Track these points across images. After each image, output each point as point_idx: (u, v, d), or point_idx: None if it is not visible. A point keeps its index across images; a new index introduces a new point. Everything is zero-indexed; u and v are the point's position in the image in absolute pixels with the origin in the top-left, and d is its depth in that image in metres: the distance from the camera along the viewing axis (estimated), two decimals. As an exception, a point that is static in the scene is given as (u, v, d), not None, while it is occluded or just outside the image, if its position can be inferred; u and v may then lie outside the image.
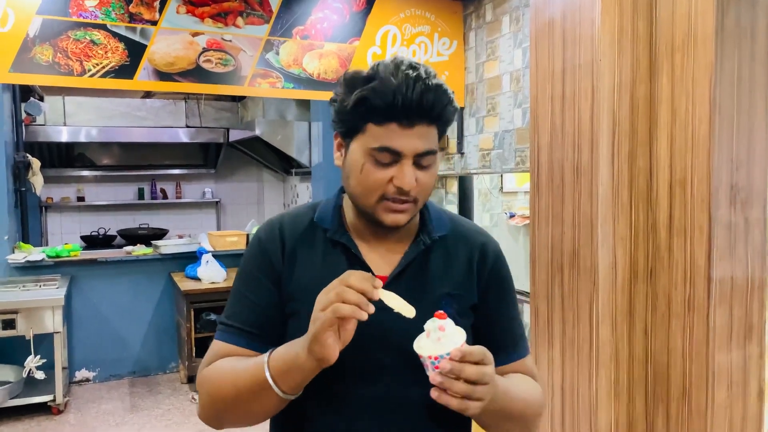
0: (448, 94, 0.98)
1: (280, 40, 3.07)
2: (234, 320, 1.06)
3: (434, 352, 0.87)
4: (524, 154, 3.06)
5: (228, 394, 0.99)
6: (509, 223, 3.11)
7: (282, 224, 1.10)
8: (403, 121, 0.95)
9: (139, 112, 6.53)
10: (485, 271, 1.11)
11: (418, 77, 0.95)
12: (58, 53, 2.70)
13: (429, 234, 1.08)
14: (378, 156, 0.97)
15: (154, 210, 7.09)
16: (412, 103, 0.94)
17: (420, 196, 1.01)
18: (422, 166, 0.99)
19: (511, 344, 1.14)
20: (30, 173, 4.89)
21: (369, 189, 1.00)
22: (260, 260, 1.07)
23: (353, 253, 1.06)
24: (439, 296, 1.06)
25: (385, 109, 0.95)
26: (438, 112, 0.97)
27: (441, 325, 0.89)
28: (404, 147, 0.96)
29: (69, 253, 4.60)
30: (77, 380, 4.69)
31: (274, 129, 5.72)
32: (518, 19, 3.10)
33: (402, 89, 0.93)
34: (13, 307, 3.79)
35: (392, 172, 0.98)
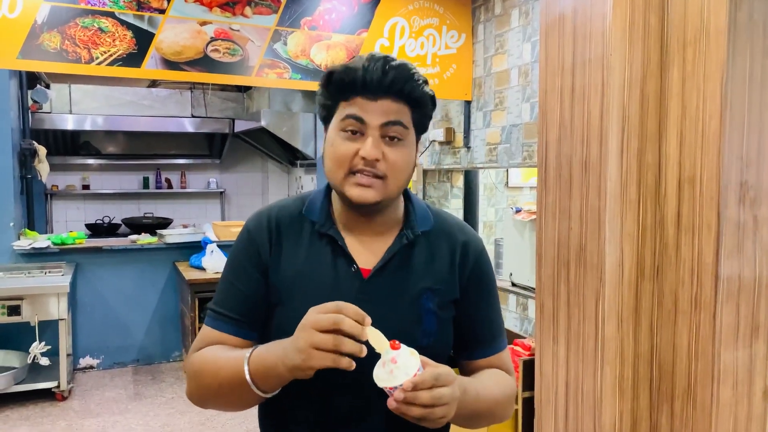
0: (410, 71, 1.02)
1: (288, 31, 3.06)
2: (222, 307, 1.09)
3: (388, 383, 0.90)
4: (531, 149, 3.04)
5: (210, 384, 1.03)
6: (515, 218, 3.10)
7: (270, 215, 1.13)
8: (367, 95, 1.01)
9: (145, 101, 6.53)
10: (467, 269, 1.14)
11: (382, 57, 1.02)
12: (66, 40, 2.69)
13: (412, 229, 1.11)
14: (345, 124, 1.02)
15: (158, 199, 7.10)
16: (373, 77, 1.00)
17: (390, 173, 1.03)
18: (391, 142, 1.02)
19: (489, 340, 1.18)
20: (36, 160, 4.89)
21: (337, 162, 1.03)
22: (248, 250, 1.11)
23: (339, 245, 1.08)
24: (421, 290, 1.08)
25: (349, 84, 1.01)
26: (400, 87, 1.01)
27: (393, 357, 0.91)
28: (368, 116, 1.01)
29: (74, 240, 4.61)
30: (81, 367, 4.71)
31: (279, 120, 5.71)
32: (527, 13, 3.08)
33: (366, 66, 1.01)
34: (19, 294, 3.81)
35: (359, 145, 1.02)
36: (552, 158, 2.32)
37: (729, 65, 1.86)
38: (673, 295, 2.06)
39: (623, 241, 2.11)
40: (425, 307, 1.08)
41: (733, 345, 1.96)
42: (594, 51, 2.10)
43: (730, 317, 1.93)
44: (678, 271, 2.05)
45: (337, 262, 1.08)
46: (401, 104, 1.02)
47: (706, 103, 1.93)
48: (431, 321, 1.08)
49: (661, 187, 2.10)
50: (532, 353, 2.73)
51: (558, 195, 2.30)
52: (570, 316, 2.26)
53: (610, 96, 2.05)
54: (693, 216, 1.99)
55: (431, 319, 1.08)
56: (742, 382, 1.98)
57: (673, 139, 2.05)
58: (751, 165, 1.93)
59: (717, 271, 1.91)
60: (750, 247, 1.95)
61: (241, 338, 1.08)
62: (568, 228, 2.25)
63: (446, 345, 1.13)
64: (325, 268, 1.07)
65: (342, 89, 1.03)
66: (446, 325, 1.12)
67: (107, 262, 4.73)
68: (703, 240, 1.96)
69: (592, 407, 2.16)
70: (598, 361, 2.13)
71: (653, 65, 2.09)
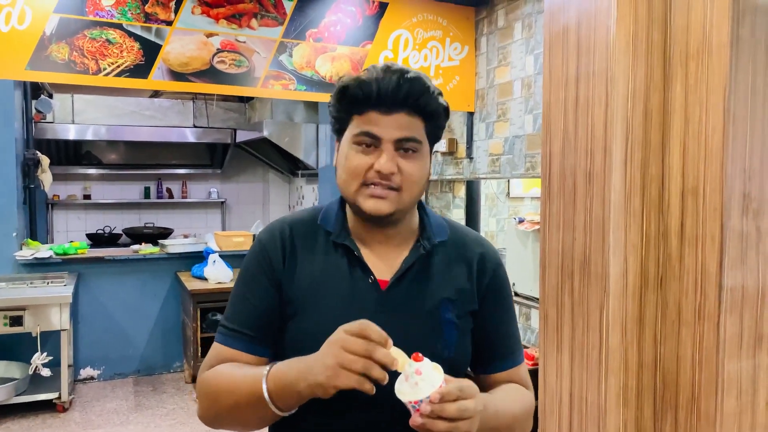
0: (425, 84, 1.01)
1: (294, 43, 3.09)
2: (234, 323, 1.07)
3: (413, 397, 0.88)
4: (534, 160, 3.07)
5: (226, 402, 1.00)
6: (518, 228, 3.12)
7: (283, 227, 1.11)
8: (381, 108, 1.00)
9: (147, 111, 6.55)
10: (484, 281, 1.13)
11: (398, 70, 1.00)
12: (74, 52, 2.72)
13: (429, 239, 1.10)
14: (359, 140, 1.01)
15: (159, 209, 7.10)
16: (388, 90, 0.99)
17: (404, 185, 1.02)
18: (405, 154, 1.02)
19: (506, 353, 1.16)
20: (39, 170, 4.91)
21: (351, 174, 1.02)
22: (261, 263, 1.08)
23: (355, 256, 1.07)
24: (439, 301, 1.07)
25: (363, 98, 1.00)
26: (414, 100, 1.00)
27: (417, 369, 0.89)
28: (382, 132, 1.00)
29: (76, 250, 4.62)
30: (82, 378, 4.70)
31: (281, 130, 5.74)
32: (530, 26, 3.12)
33: (380, 79, 0.99)
34: (21, 304, 3.80)
35: (374, 159, 1.01)
36: (556, 169, 2.34)
37: (731, 79, 1.89)
38: (677, 305, 2.07)
39: (627, 251, 2.12)
40: (445, 318, 1.07)
41: (737, 355, 1.97)
42: (598, 64, 2.12)
43: (733, 327, 1.95)
44: (682, 282, 2.06)
45: (353, 273, 1.06)
46: (415, 117, 1.01)
47: (709, 115, 1.96)
48: (452, 332, 1.07)
49: (664, 198, 2.12)
50: (535, 363, 2.73)
51: (562, 206, 2.32)
52: (574, 326, 2.27)
53: (614, 108, 2.08)
54: (696, 227, 2.01)
55: (451, 330, 1.07)
56: (746, 392, 1.99)
57: (677, 151, 2.07)
58: (754, 177, 1.95)
59: (720, 281, 1.93)
60: (753, 257, 1.97)
61: (255, 355, 1.05)
62: (572, 239, 2.26)
63: (466, 358, 1.12)
64: (342, 279, 1.06)
65: (356, 103, 1.02)
66: (466, 337, 1.11)
67: (109, 272, 4.73)
68: (706, 251, 1.97)
69: (596, 417, 2.17)
70: (602, 370, 2.14)
71: (656, 78, 2.11)
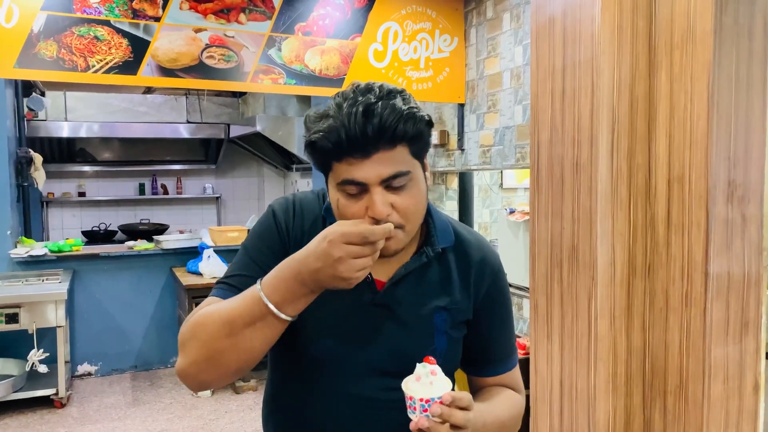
0: (397, 110, 0.92)
1: (282, 37, 3.09)
2: (233, 280, 1.05)
3: (426, 394, 0.89)
4: (524, 151, 3.08)
5: (218, 332, 0.94)
6: (509, 219, 3.13)
7: (295, 205, 1.09)
8: (356, 154, 0.92)
9: (140, 108, 6.54)
10: (482, 289, 1.12)
11: (362, 104, 0.91)
12: (62, 49, 2.72)
13: (433, 246, 1.07)
14: (345, 189, 0.95)
15: (154, 205, 7.10)
16: (357, 136, 0.90)
17: (405, 221, 0.97)
18: (395, 190, 0.95)
19: (500, 359, 1.16)
20: (32, 168, 4.90)
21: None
22: (270, 227, 1.07)
23: None
24: (434, 309, 1.07)
25: (334, 148, 0.92)
26: (391, 133, 0.91)
27: (433, 370, 0.91)
28: (366, 176, 0.93)
29: (71, 247, 4.63)
30: (79, 374, 4.72)
31: (275, 125, 5.74)
32: (518, 17, 3.12)
33: (345, 124, 0.91)
34: (16, 302, 3.81)
35: (366, 203, 0.94)
36: (544, 159, 2.35)
37: (715, 67, 1.90)
38: (664, 292, 2.09)
39: (615, 240, 2.14)
40: (437, 327, 1.06)
41: (724, 341, 1.99)
42: (583, 54, 2.13)
43: (720, 313, 1.97)
44: (669, 269, 2.08)
45: None
46: (396, 147, 0.94)
47: (693, 104, 1.97)
48: (442, 341, 1.07)
49: (651, 186, 2.13)
50: (526, 352, 2.76)
51: (550, 196, 2.33)
52: (563, 315, 2.29)
53: (600, 98, 2.09)
54: (682, 215, 2.02)
55: (442, 339, 1.07)
56: (733, 377, 2.01)
57: (662, 140, 2.08)
58: (738, 164, 1.96)
59: (707, 268, 1.94)
60: (738, 244, 1.99)
61: None
62: (561, 228, 2.28)
63: (454, 365, 1.12)
64: None
65: (329, 153, 0.94)
66: (455, 346, 1.10)
67: (104, 268, 4.74)
68: (692, 238, 1.99)
69: (586, 404, 2.19)
70: (591, 358, 2.16)
71: (642, 67, 2.12)
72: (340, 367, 1.04)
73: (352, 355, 1.04)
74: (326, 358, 1.04)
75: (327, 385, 1.05)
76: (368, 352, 1.04)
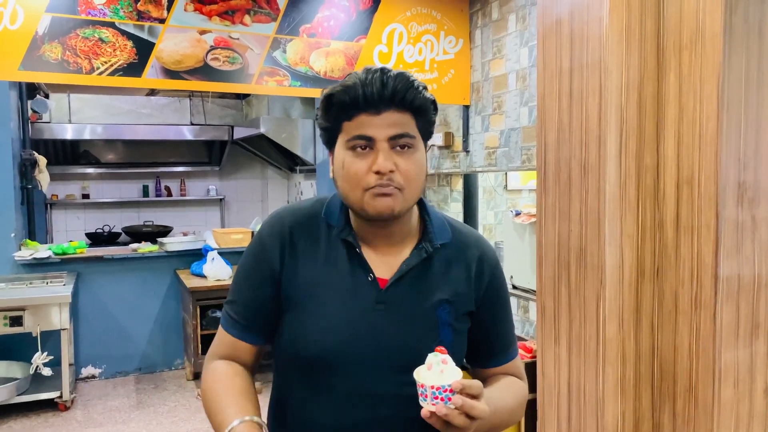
0: (409, 80, 1.02)
1: (287, 39, 3.08)
2: (232, 309, 1.12)
3: (437, 382, 0.91)
4: (530, 152, 3.06)
5: (208, 413, 1.09)
6: (515, 221, 3.12)
7: (284, 221, 1.12)
8: (370, 110, 1.00)
9: (144, 110, 6.54)
10: (483, 283, 1.14)
11: (379, 69, 1.01)
12: (66, 51, 2.71)
13: (431, 242, 1.10)
14: (353, 144, 1.01)
15: (158, 207, 7.09)
16: (373, 91, 0.99)
17: (405, 183, 1.02)
18: (401, 152, 1.02)
19: (503, 349, 1.20)
20: (36, 170, 4.90)
21: (353, 181, 1.02)
22: (259, 257, 1.11)
23: (357, 253, 1.08)
24: (437, 302, 1.09)
25: (350, 102, 1.00)
26: (401, 96, 1.00)
27: (444, 359, 0.93)
28: (375, 132, 1.00)
29: (75, 250, 4.62)
30: (83, 377, 4.71)
31: (279, 126, 5.73)
32: (524, 18, 3.11)
33: (364, 81, 1.00)
34: (21, 304, 3.80)
35: (371, 161, 1.01)
36: (551, 161, 2.34)
37: (725, 67, 1.88)
38: (674, 295, 2.08)
39: (623, 242, 2.12)
40: (441, 319, 1.09)
41: (734, 344, 1.97)
42: (591, 55, 2.12)
43: (730, 316, 1.95)
44: (678, 272, 2.06)
45: (353, 269, 1.07)
46: (405, 114, 1.02)
47: (703, 105, 1.95)
48: (447, 333, 1.09)
49: (659, 188, 2.11)
50: (533, 355, 2.74)
51: (557, 197, 2.32)
52: (571, 318, 2.27)
53: (608, 99, 2.08)
54: (692, 216, 2.00)
55: (447, 331, 1.09)
56: (743, 381, 1.99)
57: (671, 141, 2.07)
58: (748, 165, 1.95)
59: (716, 270, 1.93)
60: (749, 246, 1.97)
61: (248, 343, 1.11)
62: (568, 230, 2.26)
63: (460, 354, 1.13)
64: (341, 275, 1.07)
65: (344, 109, 1.02)
66: (461, 337, 1.13)
67: (108, 271, 4.73)
68: (702, 240, 1.97)
69: (594, 408, 2.17)
70: (599, 361, 2.14)
71: (650, 68, 2.11)
72: (349, 368, 1.05)
73: (361, 354, 1.05)
74: (334, 360, 1.05)
75: (338, 387, 1.06)
76: (376, 350, 1.05)
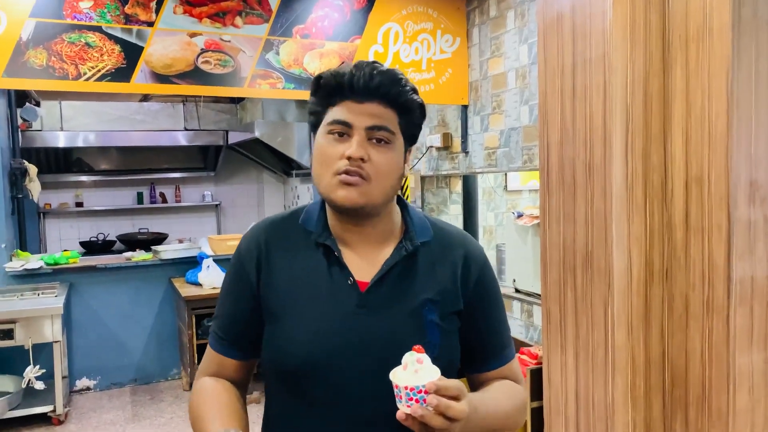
0: (397, 77, 1.02)
1: (280, 40, 3.01)
2: (217, 327, 1.13)
3: (410, 383, 0.88)
4: (531, 153, 2.99)
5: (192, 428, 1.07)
6: (517, 223, 3.04)
7: (259, 234, 1.12)
8: (354, 98, 1.01)
9: (137, 116, 6.46)
10: (471, 280, 1.11)
11: (370, 63, 1.03)
12: (52, 57, 2.63)
13: (412, 240, 1.08)
14: (332, 128, 1.02)
15: (153, 214, 7.02)
16: (360, 80, 1.00)
17: (374, 176, 1.01)
18: (377, 145, 1.02)
19: (497, 352, 1.16)
20: (27, 180, 4.82)
21: (325, 164, 1.02)
22: (238, 273, 1.11)
23: (335, 256, 1.06)
24: (422, 301, 1.06)
25: (337, 87, 1.02)
26: (386, 91, 1.01)
27: (419, 358, 0.90)
28: (354, 119, 1.01)
29: (68, 260, 4.54)
30: (78, 389, 4.62)
31: (274, 130, 5.66)
32: (523, 14, 3.03)
33: (353, 70, 1.02)
34: (11, 317, 3.72)
35: (346, 147, 1.01)
36: (554, 161, 2.27)
37: (734, 62, 1.81)
38: (684, 299, 2.01)
39: (631, 244, 2.05)
40: (427, 319, 1.05)
41: (748, 349, 1.90)
42: (595, 50, 2.05)
43: (744, 320, 1.88)
44: (688, 274, 1.99)
45: (332, 274, 1.06)
46: (388, 109, 1.02)
47: (711, 101, 1.88)
48: (434, 333, 1.06)
49: (667, 188, 2.04)
50: (539, 362, 2.66)
51: (561, 199, 2.24)
52: (578, 324, 2.20)
53: (613, 96, 2.00)
54: (702, 217, 1.94)
55: (434, 331, 1.06)
56: (759, 387, 1.92)
57: (679, 139, 2.00)
58: (760, 163, 1.88)
59: (729, 273, 1.86)
60: (762, 247, 1.90)
61: (233, 359, 1.11)
62: (573, 232, 2.19)
63: (452, 358, 1.10)
64: (321, 280, 1.06)
65: (330, 93, 1.03)
66: (451, 338, 1.09)
67: (102, 280, 4.65)
68: (713, 241, 1.90)
69: (603, 417, 2.10)
70: (608, 369, 2.07)
71: (656, 64, 2.04)
72: (333, 378, 1.02)
73: (344, 362, 1.02)
74: (316, 370, 1.02)
75: (322, 398, 1.03)
76: (360, 357, 1.02)
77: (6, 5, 2.54)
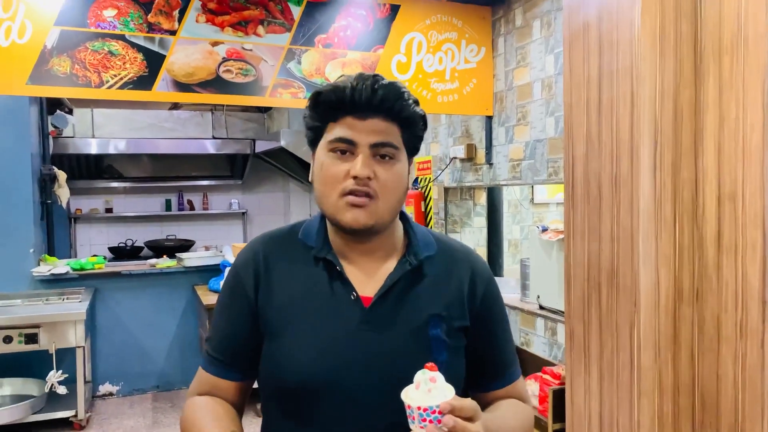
0: (399, 90, 0.99)
1: (302, 49, 2.99)
2: (211, 347, 1.09)
3: (424, 403, 0.84)
4: (557, 165, 2.91)
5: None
6: (541, 238, 2.96)
7: (256, 249, 1.09)
8: (356, 114, 0.98)
9: (167, 124, 6.53)
10: (477, 296, 1.09)
11: (371, 76, 0.99)
12: (75, 65, 2.65)
13: (415, 254, 1.06)
14: (334, 146, 0.99)
15: (181, 221, 7.09)
16: (362, 95, 0.97)
17: (381, 193, 0.98)
18: (382, 161, 0.99)
19: (504, 370, 1.13)
20: (56, 185, 4.89)
21: (328, 184, 0.99)
22: (234, 289, 1.08)
23: (337, 271, 1.03)
24: (427, 317, 1.03)
25: (337, 103, 0.98)
26: (389, 105, 0.98)
27: (432, 377, 0.87)
28: (358, 137, 0.98)
29: (93, 265, 4.58)
30: (101, 394, 4.65)
31: (299, 140, 5.65)
32: (549, 24, 2.96)
33: (354, 84, 0.98)
34: (36, 321, 3.76)
35: (350, 166, 0.98)
36: (579, 175, 2.19)
37: (771, 72, 1.72)
38: (715, 320, 1.91)
39: (659, 262, 1.96)
40: (433, 335, 1.03)
41: (784, 375, 1.80)
42: (621, 61, 1.97)
43: (780, 345, 1.77)
44: (720, 295, 1.90)
45: (334, 289, 1.03)
46: (391, 123, 0.99)
47: (746, 113, 1.80)
48: (440, 349, 1.03)
49: (698, 204, 1.96)
50: (562, 382, 2.57)
51: (587, 213, 2.17)
52: (602, 344, 2.11)
53: (641, 108, 1.93)
54: (735, 235, 1.85)
55: (440, 347, 1.03)
56: (795, 416, 1.81)
57: (711, 153, 1.91)
58: (798, 179, 1.78)
59: (764, 294, 1.77)
60: (800, 268, 1.80)
61: (228, 380, 1.07)
62: (599, 249, 2.11)
63: (459, 375, 1.06)
64: (322, 296, 1.02)
65: (330, 109, 1.00)
66: (457, 355, 1.06)
67: (126, 286, 4.68)
68: (747, 261, 1.81)
69: (629, 442, 2.00)
70: (634, 392, 1.98)
71: (687, 74, 1.95)
72: (335, 397, 0.98)
73: (346, 381, 0.99)
74: (318, 389, 0.99)
75: (324, 418, 0.99)
76: (363, 375, 0.99)
77: (32, 14, 2.57)
